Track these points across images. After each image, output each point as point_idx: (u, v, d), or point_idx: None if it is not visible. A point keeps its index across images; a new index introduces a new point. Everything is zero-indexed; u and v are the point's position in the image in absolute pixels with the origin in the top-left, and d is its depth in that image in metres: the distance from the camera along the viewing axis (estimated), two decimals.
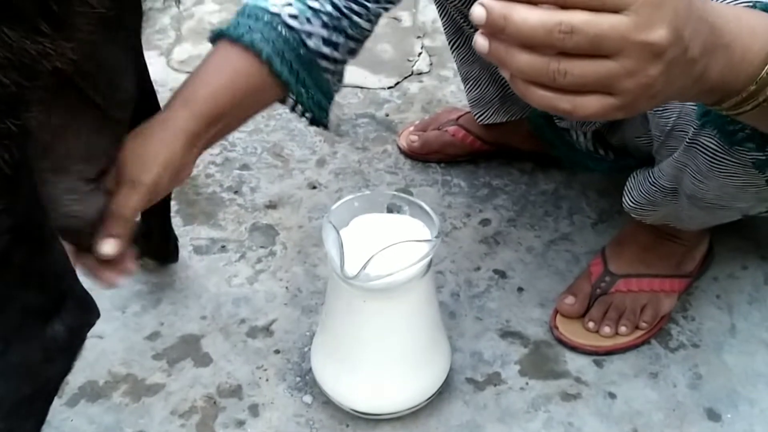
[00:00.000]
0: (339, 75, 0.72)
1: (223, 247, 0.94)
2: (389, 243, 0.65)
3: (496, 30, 0.39)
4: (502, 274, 0.91)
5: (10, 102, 0.42)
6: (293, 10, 0.66)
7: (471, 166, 1.06)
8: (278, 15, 0.65)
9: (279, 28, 0.64)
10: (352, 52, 0.72)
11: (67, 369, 0.58)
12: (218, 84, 0.64)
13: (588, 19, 0.38)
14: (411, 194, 1.01)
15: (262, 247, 0.95)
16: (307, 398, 0.77)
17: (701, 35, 0.41)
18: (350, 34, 0.69)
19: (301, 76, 0.67)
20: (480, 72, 0.98)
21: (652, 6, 0.38)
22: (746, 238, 0.94)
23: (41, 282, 0.53)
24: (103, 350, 0.82)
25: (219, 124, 0.65)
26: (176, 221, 0.97)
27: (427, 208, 0.70)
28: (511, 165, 1.06)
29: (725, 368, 0.81)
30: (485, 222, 0.98)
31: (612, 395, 0.78)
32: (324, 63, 0.68)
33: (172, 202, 0.98)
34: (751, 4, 0.48)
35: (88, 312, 0.58)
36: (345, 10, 0.68)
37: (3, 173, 0.44)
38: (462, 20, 0.93)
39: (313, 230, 0.96)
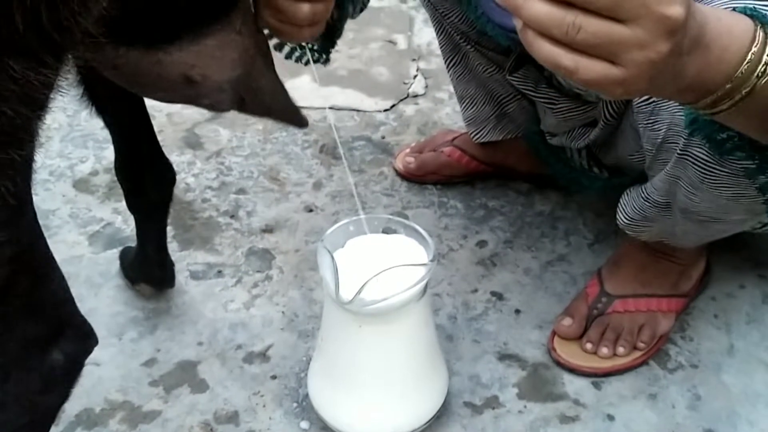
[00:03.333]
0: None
1: (220, 272, 0.94)
2: (385, 266, 0.65)
3: None
4: (499, 296, 0.91)
5: (15, 133, 0.43)
6: None
7: (467, 187, 1.06)
8: None
9: None
10: None
11: (64, 397, 0.58)
12: None
13: None
14: (407, 216, 1.01)
15: (258, 271, 0.95)
16: (305, 424, 0.77)
17: (691, 31, 0.42)
18: None
19: None
20: (476, 90, 0.99)
21: None
22: (743, 257, 0.95)
23: (41, 311, 0.53)
24: (100, 377, 0.81)
25: None
26: (173, 246, 0.97)
27: (423, 233, 0.70)
28: (508, 186, 1.06)
29: (724, 389, 0.80)
30: (482, 243, 0.98)
31: (611, 417, 0.78)
32: None
33: (169, 228, 0.98)
34: (731, 7, 0.49)
35: (87, 339, 0.58)
36: None
37: (6, 204, 0.44)
38: (459, 38, 0.94)
39: (310, 254, 0.96)
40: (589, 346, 0.82)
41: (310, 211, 1.03)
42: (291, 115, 0.66)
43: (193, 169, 1.10)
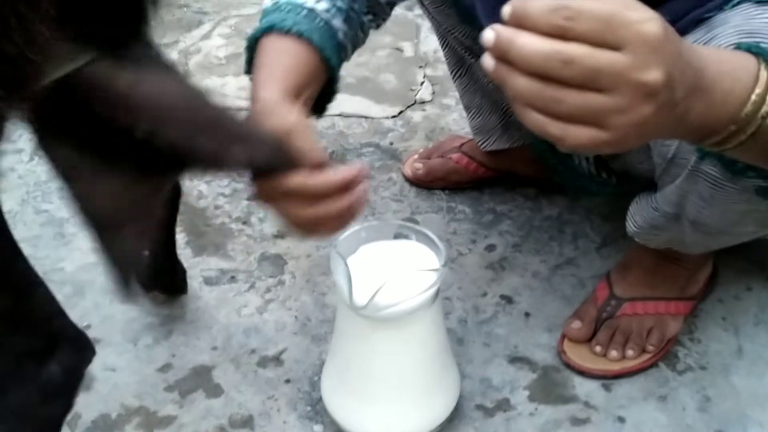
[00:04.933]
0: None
1: (233, 277, 0.96)
2: (397, 272, 0.66)
3: (501, 53, 0.41)
4: (508, 300, 0.92)
5: None
6: (324, 6, 0.69)
7: (475, 192, 1.07)
8: (313, 10, 0.68)
9: (317, 21, 0.68)
10: (362, 42, 0.77)
11: (67, 407, 0.58)
12: (284, 72, 0.65)
13: (587, 52, 0.39)
14: (417, 222, 1.02)
15: (271, 276, 0.96)
16: (318, 427, 0.78)
17: (686, 78, 0.43)
18: (357, 37, 0.75)
19: (338, 67, 0.70)
20: (482, 101, 1.00)
21: (650, 48, 0.40)
22: (750, 259, 0.95)
23: (30, 326, 0.53)
24: (116, 383, 0.83)
25: (300, 98, 0.65)
26: (186, 253, 0.98)
27: (434, 237, 0.72)
28: (515, 191, 1.07)
29: (733, 390, 0.81)
30: (491, 248, 0.99)
31: (621, 419, 0.79)
32: (342, 56, 0.73)
33: (182, 234, 0.99)
34: (735, 45, 0.50)
35: (83, 351, 0.59)
36: (352, 14, 0.73)
37: None
38: (463, 51, 0.95)
39: (321, 259, 0.97)
40: (598, 348, 0.83)
41: None
42: (119, 281, 0.61)
43: (205, 176, 1.11)
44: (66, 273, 0.97)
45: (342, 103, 1.27)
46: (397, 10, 0.84)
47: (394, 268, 0.68)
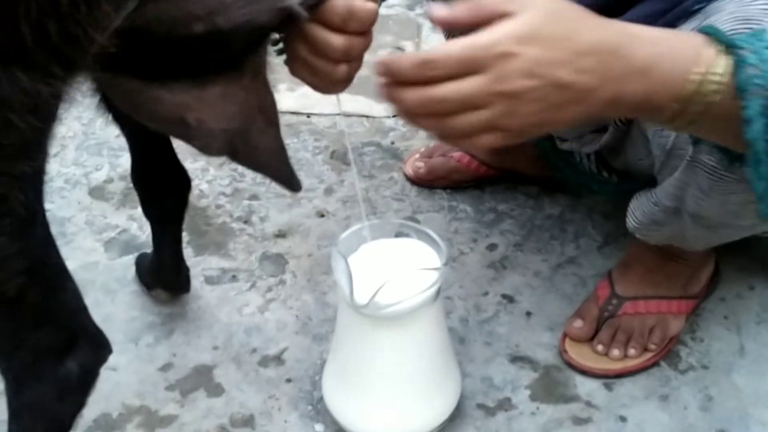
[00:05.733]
0: None
1: (234, 276, 0.96)
2: (398, 270, 0.66)
3: (392, 102, 0.50)
4: (510, 299, 0.92)
5: (26, 144, 0.43)
6: None
7: (477, 191, 1.07)
8: None
9: None
10: None
11: (80, 406, 0.58)
12: None
13: (453, 87, 0.47)
14: (418, 221, 1.02)
15: (272, 276, 0.96)
16: (319, 426, 0.78)
17: (601, 66, 0.47)
18: None
19: None
20: None
21: (504, 59, 0.46)
22: (753, 258, 0.95)
23: (54, 321, 0.53)
24: (117, 383, 0.82)
25: None
26: (187, 252, 0.98)
27: (435, 236, 0.71)
28: (517, 190, 1.07)
29: (736, 389, 0.81)
30: (492, 247, 0.99)
31: (623, 419, 0.78)
32: None
33: (183, 234, 0.99)
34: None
35: (101, 349, 0.59)
36: None
37: (17, 215, 0.45)
38: None
39: (322, 258, 0.97)
40: (600, 347, 0.83)
41: (322, 216, 1.04)
42: (285, 177, 0.64)
43: (206, 175, 1.11)
44: None
45: (344, 102, 1.27)
46: (398, 9, 0.84)
47: (396, 266, 0.68)
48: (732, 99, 0.47)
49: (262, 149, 0.60)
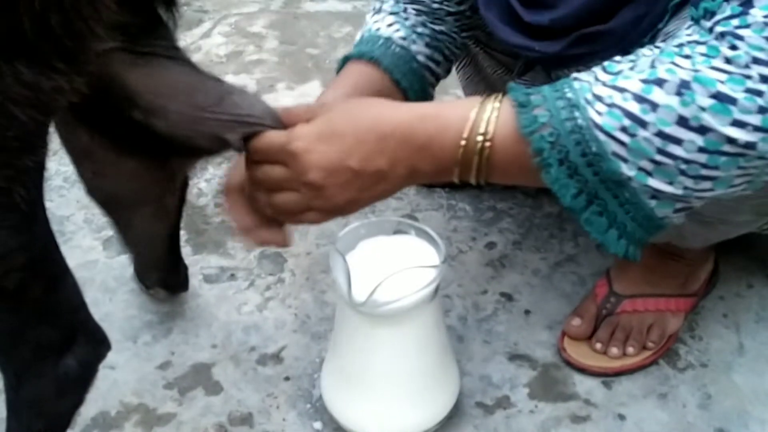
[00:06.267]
0: (435, 86, 0.85)
1: (233, 275, 0.95)
2: (396, 268, 0.66)
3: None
4: (509, 297, 0.92)
5: (29, 138, 0.43)
6: (402, 34, 0.79)
7: (475, 190, 1.07)
8: (390, 38, 0.78)
9: (392, 47, 0.78)
10: (447, 70, 0.86)
11: (78, 403, 0.58)
12: (347, 86, 0.75)
13: (264, 171, 0.57)
14: (417, 219, 1.02)
15: (270, 274, 0.96)
16: (318, 425, 0.78)
17: (388, 152, 0.55)
18: (446, 55, 0.83)
19: (414, 85, 0.79)
20: (485, 91, 1.00)
21: (303, 154, 0.54)
22: (752, 256, 0.95)
23: (54, 317, 0.53)
24: (115, 381, 0.82)
25: None
26: (186, 250, 0.98)
27: (434, 234, 0.71)
28: (515, 188, 1.07)
29: (735, 388, 0.81)
30: (491, 245, 0.99)
31: (622, 417, 0.78)
32: (428, 75, 0.81)
33: (182, 232, 0.99)
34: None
35: (100, 345, 0.59)
36: (439, 38, 0.82)
37: (18, 210, 0.45)
38: (469, 40, 0.95)
39: (321, 257, 0.97)
40: (598, 346, 0.83)
41: None
42: (150, 266, 0.66)
43: (205, 174, 1.11)
44: None
45: None
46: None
47: (394, 264, 0.68)
48: (510, 147, 0.54)
49: (138, 232, 0.65)
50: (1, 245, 0.46)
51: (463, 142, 0.54)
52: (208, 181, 1.10)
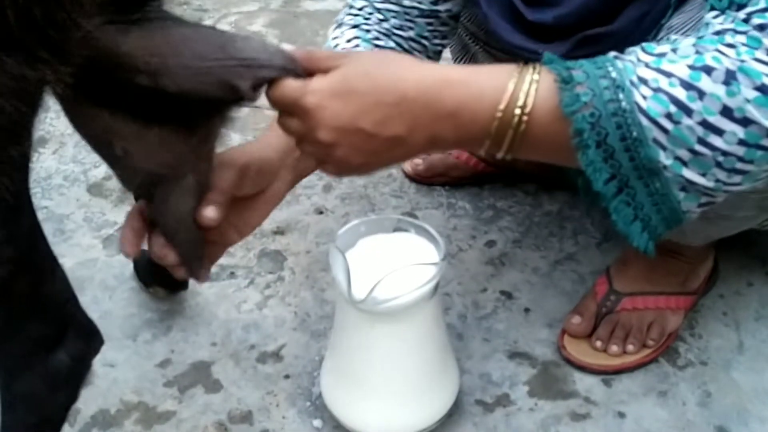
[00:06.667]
0: None
1: (232, 273, 0.95)
2: (396, 266, 0.66)
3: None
4: (508, 295, 0.92)
5: (13, 129, 0.43)
6: (362, 50, 0.75)
7: (475, 188, 1.07)
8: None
9: None
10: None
11: (73, 397, 0.57)
12: None
13: (283, 122, 0.54)
14: (417, 217, 1.02)
15: (270, 272, 0.96)
16: (318, 423, 0.78)
17: (407, 116, 0.51)
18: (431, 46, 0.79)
19: None
20: None
21: (314, 110, 0.51)
22: (751, 255, 0.95)
23: (44, 311, 0.53)
24: (115, 379, 0.82)
25: None
26: None
27: (433, 232, 0.71)
28: (515, 187, 1.07)
29: (734, 386, 0.81)
30: (491, 243, 0.99)
31: (621, 414, 0.78)
32: None
33: None
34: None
35: (92, 340, 0.58)
36: (406, 46, 0.77)
37: (4, 202, 0.45)
38: (468, 38, 0.95)
39: (321, 255, 0.97)
40: (598, 343, 0.83)
41: (321, 213, 1.04)
42: (189, 259, 0.61)
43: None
44: (65, 269, 0.95)
45: None
46: None
47: (393, 261, 0.68)
48: (548, 124, 0.50)
49: (174, 211, 0.58)
50: None
51: (499, 114, 0.50)
52: None
